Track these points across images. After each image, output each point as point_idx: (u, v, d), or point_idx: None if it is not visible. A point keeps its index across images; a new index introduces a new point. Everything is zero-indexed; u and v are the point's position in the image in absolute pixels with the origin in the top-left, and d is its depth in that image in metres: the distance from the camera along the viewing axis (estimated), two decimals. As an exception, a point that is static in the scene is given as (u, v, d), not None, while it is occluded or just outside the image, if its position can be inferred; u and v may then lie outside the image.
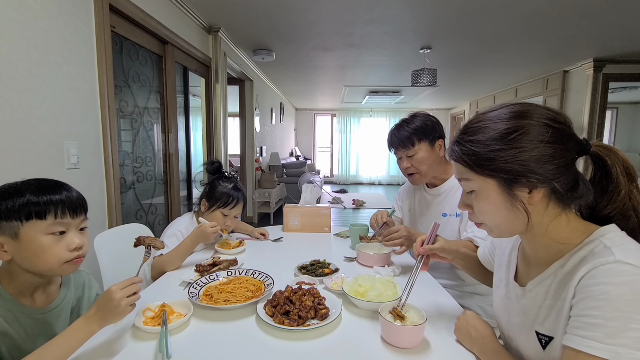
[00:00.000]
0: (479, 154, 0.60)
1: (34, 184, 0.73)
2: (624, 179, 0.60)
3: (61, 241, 0.73)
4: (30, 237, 0.70)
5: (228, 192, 1.43)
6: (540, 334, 0.62)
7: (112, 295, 0.70)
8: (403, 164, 1.34)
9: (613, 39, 3.38)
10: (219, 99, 3.25)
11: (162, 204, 2.59)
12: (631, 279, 0.49)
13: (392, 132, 1.34)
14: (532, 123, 0.58)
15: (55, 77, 1.46)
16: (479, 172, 0.62)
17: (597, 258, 0.54)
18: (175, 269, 1.23)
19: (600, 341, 0.49)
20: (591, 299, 0.52)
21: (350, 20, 2.96)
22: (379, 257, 1.25)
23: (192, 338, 0.79)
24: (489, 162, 0.60)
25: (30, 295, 0.78)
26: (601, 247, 0.55)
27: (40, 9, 1.37)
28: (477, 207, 0.65)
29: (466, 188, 0.66)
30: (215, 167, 1.49)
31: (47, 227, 0.71)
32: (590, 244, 0.57)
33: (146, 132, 2.36)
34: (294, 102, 8.60)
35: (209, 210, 1.43)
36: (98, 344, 0.75)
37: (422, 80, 3.81)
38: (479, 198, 0.64)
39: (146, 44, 2.26)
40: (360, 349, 0.76)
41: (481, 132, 0.61)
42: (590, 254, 0.56)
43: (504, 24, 2.98)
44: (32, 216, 0.70)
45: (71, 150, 1.54)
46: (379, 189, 9.12)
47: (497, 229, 0.65)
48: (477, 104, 7.44)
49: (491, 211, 0.63)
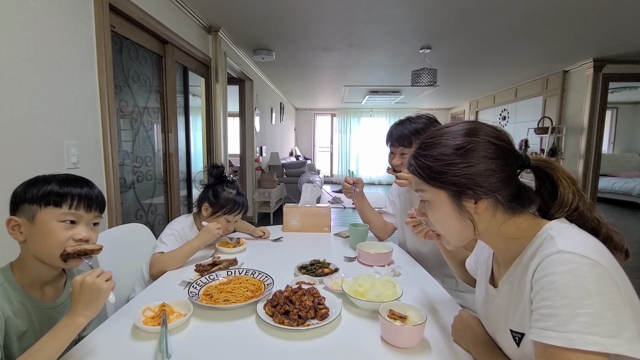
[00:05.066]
0: (432, 167, 0.66)
1: (62, 176, 0.79)
2: (566, 182, 0.66)
3: (69, 230, 0.77)
4: (44, 221, 0.75)
5: (234, 199, 1.42)
6: (513, 332, 0.63)
7: (83, 283, 0.70)
8: (394, 160, 1.36)
9: (613, 39, 3.38)
10: (219, 98, 3.25)
11: (162, 203, 2.59)
12: (573, 267, 0.52)
13: (393, 127, 1.35)
14: (479, 140, 0.63)
15: (55, 77, 1.46)
16: (431, 184, 0.67)
17: (544, 250, 0.57)
18: (176, 269, 1.23)
19: (555, 330, 0.51)
20: (542, 291, 0.54)
21: (350, 20, 2.96)
22: (380, 256, 1.26)
23: (191, 338, 0.79)
24: (440, 175, 0.65)
25: (40, 288, 0.80)
26: (548, 238, 0.59)
27: (40, 8, 1.37)
28: (431, 216, 0.71)
29: (422, 198, 0.72)
30: (219, 172, 1.48)
31: (60, 215, 0.75)
32: (540, 236, 0.61)
33: (146, 131, 2.36)
34: (294, 102, 8.59)
35: (213, 216, 1.42)
36: (97, 344, 0.75)
37: (422, 80, 3.81)
38: (433, 208, 0.69)
39: (146, 43, 2.25)
40: (360, 349, 0.76)
41: (434, 147, 0.67)
42: (540, 246, 0.59)
43: (504, 24, 2.98)
44: (50, 203, 0.75)
45: (71, 150, 1.54)
46: (378, 188, 9.11)
47: (449, 237, 0.71)
48: (477, 103, 7.44)
49: (443, 220, 0.69)
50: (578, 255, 0.52)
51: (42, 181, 0.77)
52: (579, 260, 0.52)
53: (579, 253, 0.52)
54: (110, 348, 0.75)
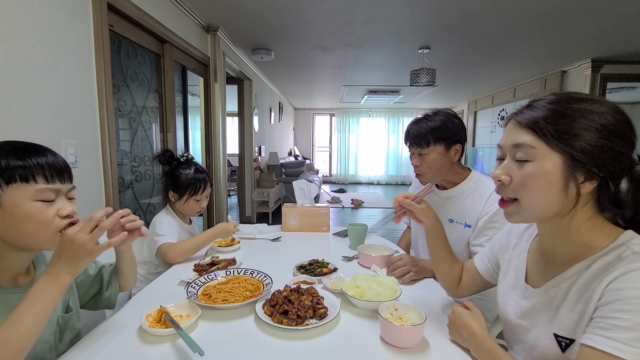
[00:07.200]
0: (566, 127, 0.58)
1: (11, 146, 0.65)
2: None
3: (50, 208, 0.66)
4: (15, 203, 0.62)
5: (193, 178, 1.42)
6: (559, 337, 0.61)
7: (71, 236, 0.62)
8: (414, 160, 1.27)
9: (611, 39, 3.39)
10: (217, 98, 3.25)
11: (160, 203, 2.59)
12: None
13: (410, 125, 1.27)
14: (623, 119, 0.58)
15: (53, 76, 1.45)
16: (551, 144, 0.58)
17: (627, 263, 0.54)
18: (182, 262, 1.28)
19: (626, 343, 0.50)
20: (621, 302, 0.52)
21: (349, 20, 2.96)
22: (381, 258, 1.25)
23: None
24: (570, 138, 0.57)
25: (12, 278, 0.70)
26: (629, 252, 0.56)
27: (38, 7, 1.37)
28: (523, 180, 0.61)
29: (522, 156, 0.61)
30: (167, 156, 1.46)
31: (35, 193, 0.63)
32: (617, 249, 0.58)
33: (144, 131, 2.35)
34: (293, 102, 8.59)
35: (180, 201, 1.44)
36: (110, 350, 0.75)
37: (421, 80, 3.81)
38: (534, 170, 0.60)
39: (145, 43, 2.25)
40: (359, 348, 0.76)
41: (577, 109, 0.59)
42: (618, 258, 0.56)
43: (503, 24, 2.98)
44: (14, 179, 0.62)
45: (69, 149, 1.54)
46: (377, 188, 9.12)
47: (530, 209, 0.62)
48: (475, 103, 7.45)
49: (539, 188, 0.60)
50: None
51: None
52: None
53: None
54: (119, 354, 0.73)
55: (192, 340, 0.71)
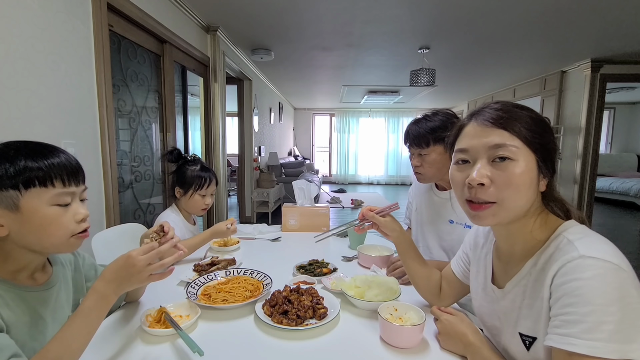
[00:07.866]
0: (535, 128, 0.62)
1: (24, 146, 0.62)
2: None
3: (67, 212, 0.65)
4: (34, 208, 0.61)
5: (198, 174, 1.47)
6: (523, 335, 0.62)
7: (134, 261, 0.65)
8: (414, 160, 1.27)
9: (611, 39, 3.39)
10: (217, 98, 3.25)
11: (160, 203, 2.59)
12: (598, 272, 0.51)
13: (409, 126, 1.26)
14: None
15: (52, 76, 1.45)
16: (529, 144, 0.60)
17: (563, 255, 0.56)
18: (181, 261, 1.26)
19: (579, 337, 0.50)
20: (566, 297, 0.53)
21: (349, 20, 2.96)
22: (381, 259, 1.25)
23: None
24: (541, 138, 0.61)
25: (30, 276, 0.70)
26: (565, 242, 0.58)
27: (38, 7, 1.37)
28: (509, 179, 0.60)
29: (505, 154, 0.60)
30: (175, 154, 1.51)
31: (52, 197, 0.62)
32: (556, 239, 0.60)
33: (144, 131, 2.35)
34: (293, 102, 8.59)
35: (185, 196, 1.47)
36: (110, 350, 0.75)
37: (421, 80, 3.81)
38: (515, 168, 0.60)
39: (144, 43, 2.25)
40: (358, 348, 0.76)
41: (532, 112, 0.64)
42: (557, 250, 0.58)
43: (502, 24, 2.98)
44: (33, 184, 0.60)
45: (69, 149, 1.53)
46: (377, 188, 9.12)
47: (511, 209, 0.61)
48: (475, 103, 7.45)
49: (526, 185, 0.60)
50: (601, 261, 0.52)
51: (3, 158, 0.59)
52: (602, 265, 0.51)
53: (602, 258, 0.52)
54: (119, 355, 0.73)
55: (192, 341, 0.71)
